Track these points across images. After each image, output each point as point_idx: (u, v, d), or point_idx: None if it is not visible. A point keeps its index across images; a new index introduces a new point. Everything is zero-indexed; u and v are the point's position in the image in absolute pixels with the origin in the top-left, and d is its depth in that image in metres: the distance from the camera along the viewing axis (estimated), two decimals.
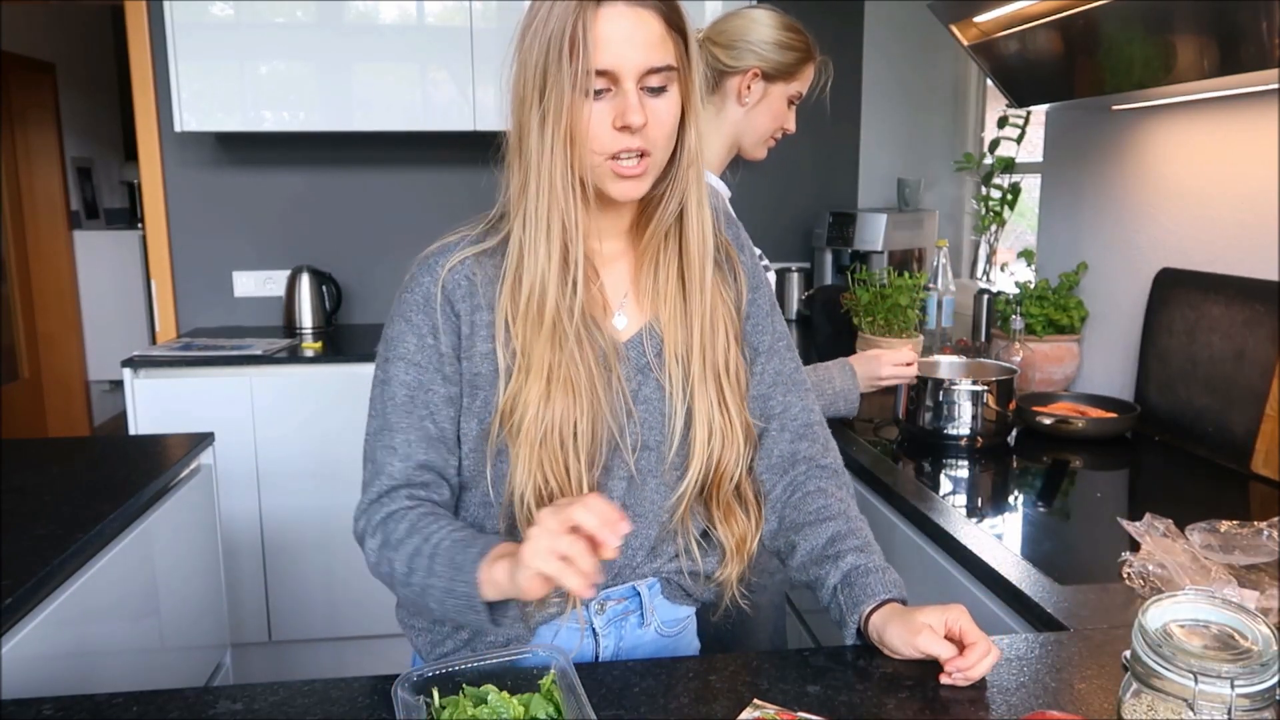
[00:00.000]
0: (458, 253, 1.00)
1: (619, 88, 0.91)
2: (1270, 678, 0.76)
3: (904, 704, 0.90)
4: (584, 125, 0.91)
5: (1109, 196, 2.18)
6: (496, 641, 1.05)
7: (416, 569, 0.94)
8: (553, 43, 0.89)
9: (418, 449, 1.00)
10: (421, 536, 0.95)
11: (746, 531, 1.06)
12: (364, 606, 2.81)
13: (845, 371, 1.68)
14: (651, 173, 0.96)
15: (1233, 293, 1.77)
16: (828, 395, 1.65)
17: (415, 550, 0.94)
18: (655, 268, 1.02)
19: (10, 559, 1.28)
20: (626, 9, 0.90)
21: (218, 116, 2.85)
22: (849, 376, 1.68)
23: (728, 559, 1.06)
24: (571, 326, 0.96)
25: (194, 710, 0.90)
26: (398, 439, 1.00)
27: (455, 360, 1.00)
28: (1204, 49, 1.50)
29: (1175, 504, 1.36)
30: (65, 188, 5.17)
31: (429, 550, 0.93)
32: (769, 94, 1.57)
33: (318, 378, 2.75)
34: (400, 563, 0.95)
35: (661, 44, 0.92)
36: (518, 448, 0.96)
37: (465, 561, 0.90)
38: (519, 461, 0.96)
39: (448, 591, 0.91)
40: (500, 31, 2.87)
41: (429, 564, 0.92)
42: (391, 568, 0.97)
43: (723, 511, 1.06)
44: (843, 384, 1.67)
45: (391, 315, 1.02)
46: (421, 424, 1.00)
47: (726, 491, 1.05)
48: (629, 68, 0.90)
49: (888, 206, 3.32)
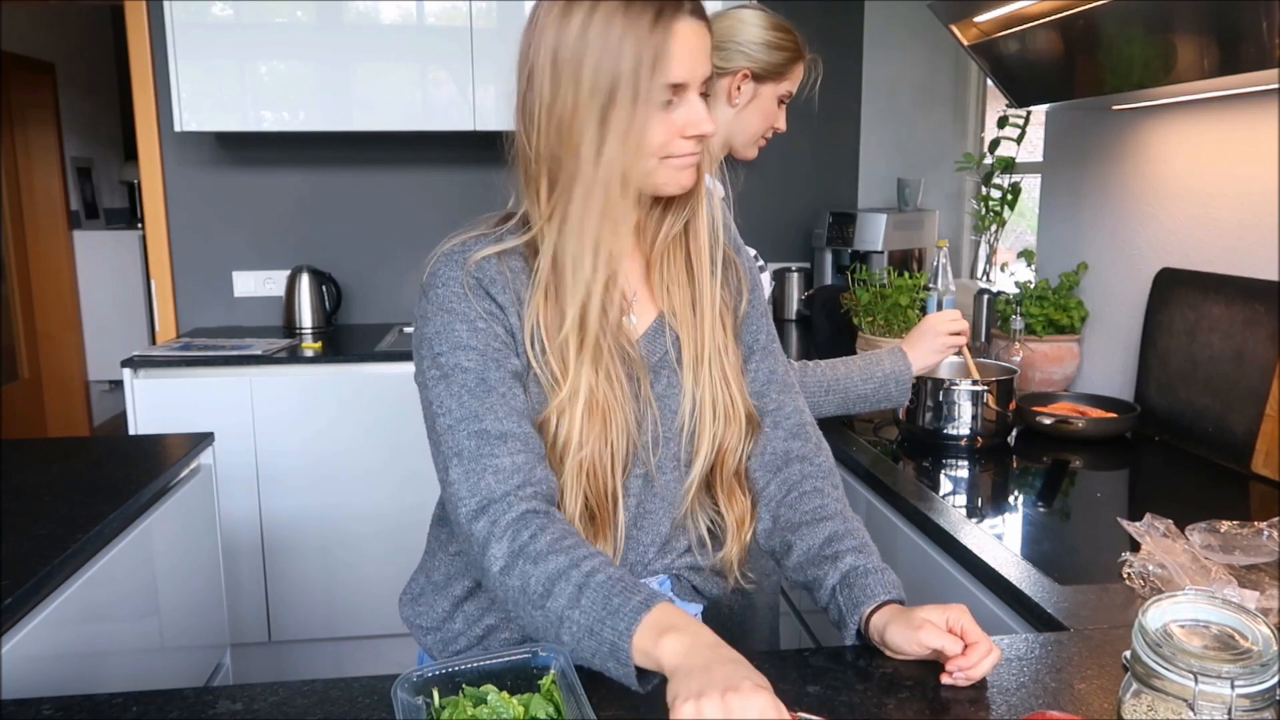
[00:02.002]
0: (480, 249, 0.99)
1: (682, 97, 0.94)
2: (1270, 678, 0.76)
3: (904, 704, 0.90)
4: (655, 135, 0.93)
5: (1109, 196, 2.18)
6: (512, 639, 1.05)
7: (558, 594, 0.87)
8: (625, 56, 0.90)
9: (510, 422, 0.94)
10: (569, 558, 0.88)
11: (745, 511, 1.09)
12: (364, 606, 2.81)
13: (895, 355, 1.61)
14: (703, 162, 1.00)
15: (1233, 293, 1.77)
16: (877, 378, 1.58)
17: (559, 572, 0.88)
18: (668, 259, 1.04)
19: (10, 559, 1.28)
20: (692, 22, 0.94)
21: (218, 116, 2.85)
22: (899, 359, 1.60)
23: (729, 539, 1.08)
24: (607, 344, 0.98)
25: (194, 710, 0.90)
26: (488, 422, 0.94)
27: (510, 341, 0.98)
28: (1204, 49, 1.50)
29: (1175, 504, 1.36)
30: (65, 188, 5.17)
31: (578, 578, 0.87)
32: (759, 94, 1.56)
33: (318, 378, 2.75)
34: (538, 581, 0.88)
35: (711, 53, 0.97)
36: (561, 468, 0.97)
37: (623, 608, 0.84)
38: (566, 486, 0.97)
39: (589, 631, 0.85)
40: (500, 31, 2.87)
41: (575, 594, 0.86)
42: (525, 583, 0.89)
43: (725, 492, 1.08)
44: (893, 366, 1.59)
45: (423, 315, 0.99)
46: (506, 401, 0.95)
47: (729, 472, 1.07)
48: (697, 79, 0.94)
49: (888, 206, 3.32)
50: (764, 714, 0.75)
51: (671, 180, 0.97)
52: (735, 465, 1.08)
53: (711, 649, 0.80)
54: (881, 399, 1.59)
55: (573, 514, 0.97)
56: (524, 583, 0.89)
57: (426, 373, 0.97)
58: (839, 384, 1.55)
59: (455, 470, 0.94)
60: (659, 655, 0.81)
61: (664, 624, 0.82)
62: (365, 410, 2.74)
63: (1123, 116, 2.10)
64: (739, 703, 0.74)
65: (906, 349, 1.62)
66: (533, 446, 0.95)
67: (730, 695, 0.74)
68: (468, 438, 0.94)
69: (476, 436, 0.94)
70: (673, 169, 0.96)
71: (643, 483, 1.04)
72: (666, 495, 1.06)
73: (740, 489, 1.09)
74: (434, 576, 1.11)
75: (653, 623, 0.83)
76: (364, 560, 2.80)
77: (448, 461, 0.95)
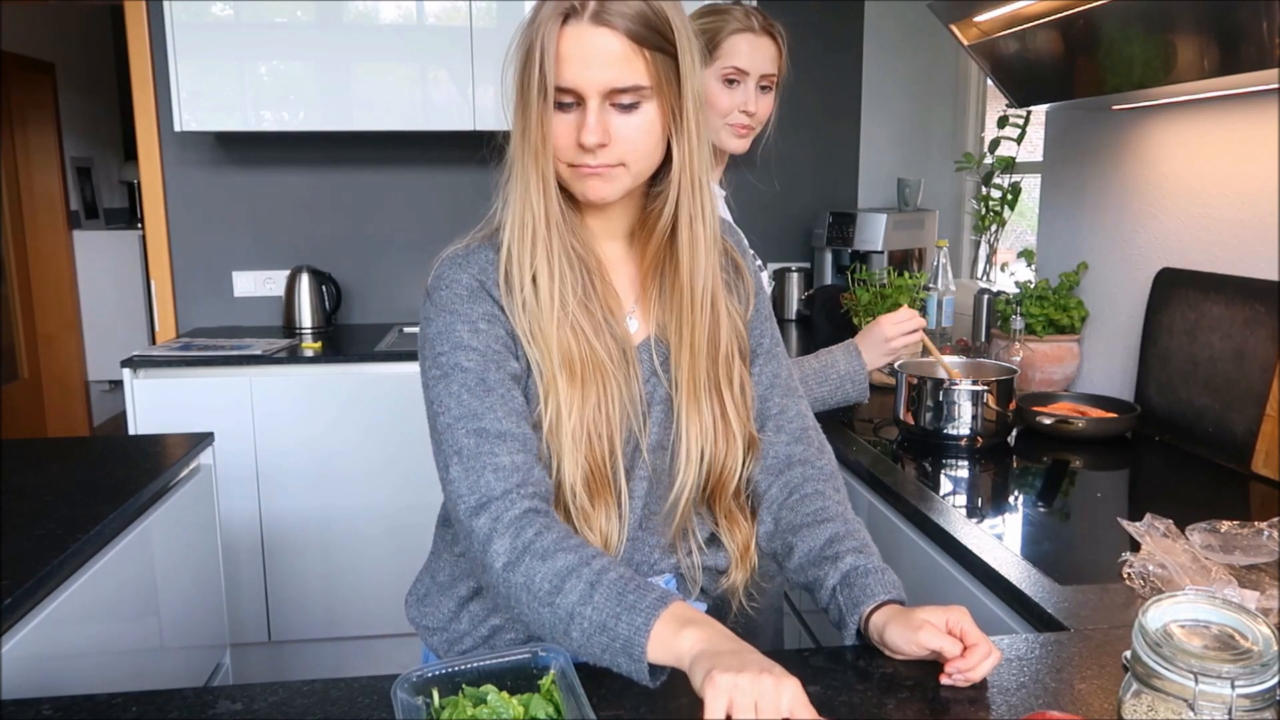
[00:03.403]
0: (482, 252, 1.01)
1: (583, 105, 0.93)
2: (1270, 678, 0.76)
3: (904, 704, 0.90)
4: (557, 137, 0.94)
5: (1109, 196, 2.18)
6: (517, 639, 1.06)
7: (568, 590, 0.86)
8: (528, 54, 0.92)
9: (508, 422, 0.95)
10: (578, 556, 0.88)
11: (749, 538, 1.08)
12: (364, 606, 2.81)
13: (850, 353, 1.61)
14: (621, 179, 0.97)
15: (1233, 293, 1.77)
16: (833, 380, 1.59)
17: (569, 569, 0.87)
18: (660, 279, 1.04)
19: (10, 559, 1.28)
20: (589, 29, 0.91)
21: (218, 116, 2.85)
22: (854, 358, 1.60)
23: (733, 566, 1.08)
24: (586, 317, 0.98)
25: (194, 710, 0.90)
26: (487, 421, 0.94)
27: (511, 344, 0.99)
28: (1204, 49, 1.50)
29: (1175, 504, 1.36)
30: (65, 188, 5.17)
31: (590, 575, 0.86)
32: None
33: (317, 377, 2.75)
34: (545, 578, 0.87)
35: (627, 63, 0.92)
36: (560, 440, 0.97)
37: (639, 604, 0.83)
38: (565, 454, 0.96)
39: (602, 627, 0.84)
40: (500, 31, 2.87)
41: (587, 590, 0.85)
42: (531, 580, 0.88)
43: (726, 517, 1.08)
44: (848, 366, 1.59)
45: (427, 316, 1.00)
46: (505, 402, 0.96)
47: (728, 497, 1.07)
48: (590, 87, 0.92)
49: (888, 206, 3.33)
50: (796, 702, 0.75)
51: (578, 186, 0.97)
52: (734, 487, 1.07)
53: (733, 639, 0.81)
54: (840, 399, 1.60)
55: (573, 483, 0.97)
56: (529, 579, 0.88)
57: (428, 372, 0.98)
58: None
59: (455, 468, 0.94)
60: (679, 644, 0.81)
61: (684, 617, 0.83)
62: (365, 410, 2.74)
63: (1123, 116, 2.10)
64: (773, 686, 0.74)
65: (860, 347, 1.62)
66: (530, 448, 0.96)
67: (765, 676, 0.75)
68: (466, 436, 0.94)
69: (475, 435, 0.94)
70: (574, 175, 0.96)
71: (648, 486, 1.05)
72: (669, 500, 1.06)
73: (741, 514, 1.08)
74: (439, 577, 1.12)
75: (672, 616, 0.83)
76: (364, 560, 2.80)
77: (448, 460, 0.95)
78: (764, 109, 1.57)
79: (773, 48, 1.54)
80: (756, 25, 1.52)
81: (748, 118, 1.54)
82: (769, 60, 1.54)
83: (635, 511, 1.04)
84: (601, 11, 0.91)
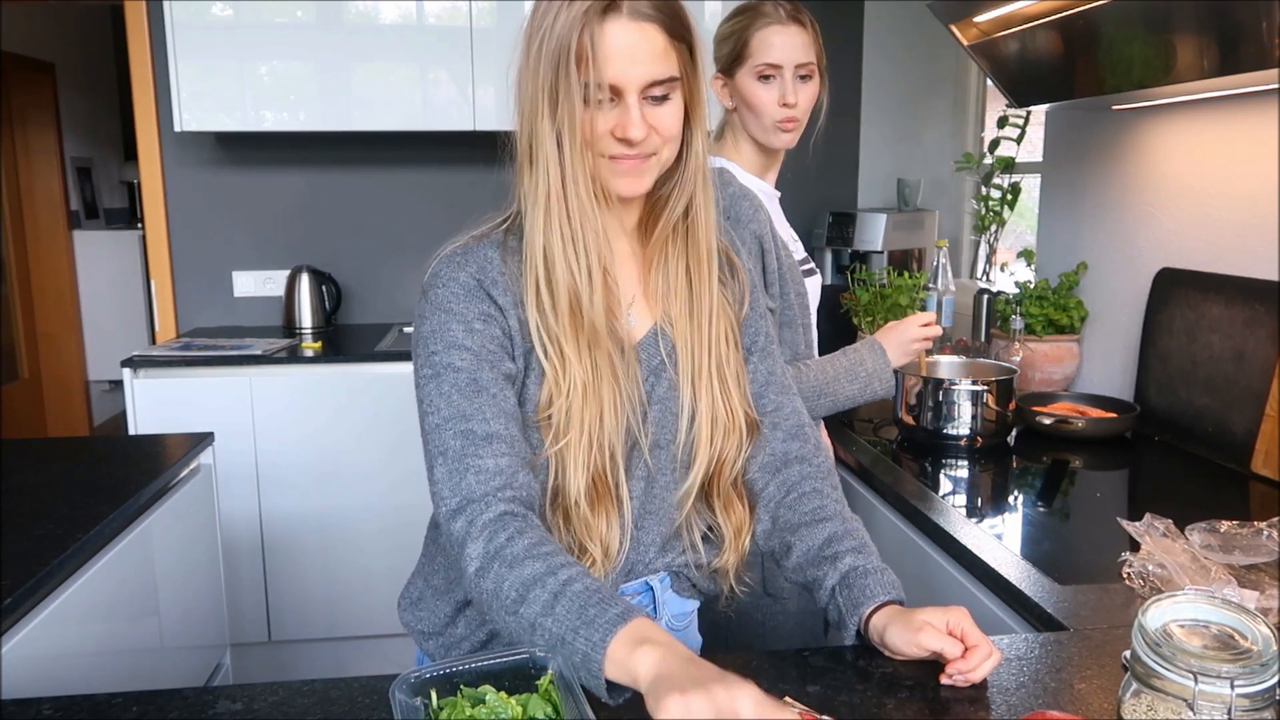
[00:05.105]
0: (482, 250, 1.00)
1: (622, 100, 0.93)
2: (1270, 678, 0.76)
3: (904, 704, 0.90)
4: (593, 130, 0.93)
5: (1109, 196, 2.18)
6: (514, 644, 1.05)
7: (531, 600, 0.85)
8: (561, 56, 0.90)
9: (497, 424, 0.94)
10: (545, 565, 0.87)
11: (743, 521, 1.08)
12: (364, 606, 2.81)
13: (875, 351, 1.60)
14: (653, 170, 0.97)
15: (1233, 293, 1.77)
16: (861, 378, 1.58)
17: (534, 578, 0.86)
18: (665, 266, 1.04)
19: (10, 559, 1.28)
20: (631, 24, 0.91)
21: (218, 116, 2.85)
22: (879, 355, 1.60)
23: (726, 548, 1.08)
24: (602, 327, 0.97)
25: (194, 710, 0.90)
26: (475, 423, 0.94)
27: (507, 344, 0.98)
28: (1204, 49, 1.50)
29: (1175, 504, 1.36)
30: (65, 188, 5.17)
31: (554, 586, 0.85)
32: (736, 86, 1.54)
33: (317, 377, 2.75)
34: (512, 586, 0.86)
35: (665, 56, 0.93)
36: (566, 448, 0.96)
37: (599, 619, 0.81)
38: (571, 463, 0.96)
39: (561, 641, 0.83)
40: (500, 31, 2.87)
41: (550, 601, 0.84)
42: (499, 587, 0.87)
43: (722, 501, 1.08)
44: (874, 364, 1.59)
45: (422, 314, 0.99)
46: (495, 403, 0.95)
47: (726, 482, 1.07)
48: (633, 82, 0.92)
49: (888, 206, 3.32)
50: (754, 705, 0.73)
51: (615, 183, 0.96)
52: (733, 474, 1.07)
53: (690, 660, 0.78)
54: (868, 396, 1.59)
55: (577, 496, 0.97)
56: (498, 586, 0.87)
57: (420, 371, 0.98)
58: (829, 387, 1.55)
59: (439, 469, 0.94)
60: (635, 666, 0.78)
61: (641, 636, 0.80)
62: (365, 410, 2.74)
63: (1123, 116, 2.10)
64: (725, 695, 0.72)
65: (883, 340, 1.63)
66: (518, 450, 0.95)
67: (717, 688, 0.73)
68: (454, 437, 0.94)
69: (463, 436, 0.93)
70: (609, 170, 0.95)
71: (644, 486, 1.05)
72: (667, 498, 1.07)
73: (738, 499, 1.09)
74: (434, 581, 1.11)
75: (630, 635, 0.80)
76: (364, 560, 2.80)
77: (433, 460, 0.95)
78: (806, 99, 1.54)
79: (804, 34, 1.52)
80: (784, 15, 1.50)
81: (790, 110, 1.52)
82: (802, 48, 1.51)
83: (633, 512, 1.04)
84: (639, 6, 0.91)
